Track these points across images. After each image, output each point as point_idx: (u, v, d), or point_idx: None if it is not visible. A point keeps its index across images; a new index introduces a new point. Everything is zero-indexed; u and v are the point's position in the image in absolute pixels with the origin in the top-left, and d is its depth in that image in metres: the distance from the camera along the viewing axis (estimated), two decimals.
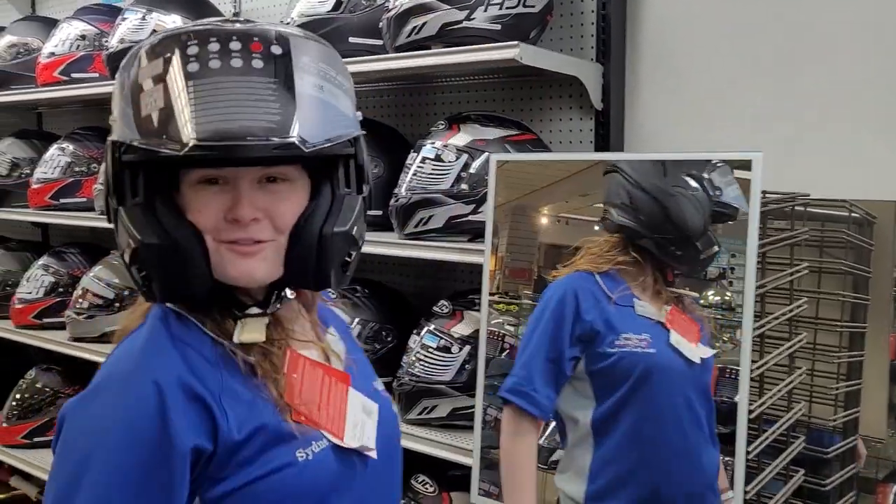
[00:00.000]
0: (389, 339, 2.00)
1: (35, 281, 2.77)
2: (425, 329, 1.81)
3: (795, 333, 1.48)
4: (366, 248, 1.82)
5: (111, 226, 0.91)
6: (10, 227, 3.26)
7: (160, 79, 0.83)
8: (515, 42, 1.56)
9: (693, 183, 1.32)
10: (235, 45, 0.84)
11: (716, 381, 1.32)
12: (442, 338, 1.78)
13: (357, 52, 1.87)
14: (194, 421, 0.83)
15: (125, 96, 0.85)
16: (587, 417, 1.40)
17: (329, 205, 0.91)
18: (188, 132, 0.80)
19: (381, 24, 1.78)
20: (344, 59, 1.82)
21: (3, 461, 2.88)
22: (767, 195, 1.40)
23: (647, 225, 1.37)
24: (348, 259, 0.93)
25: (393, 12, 1.72)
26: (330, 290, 0.98)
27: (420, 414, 1.79)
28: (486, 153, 1.68)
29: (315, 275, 0.91)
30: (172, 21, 2.33)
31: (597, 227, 1.46)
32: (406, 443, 1.76)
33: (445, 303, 1.84)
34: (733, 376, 1.29)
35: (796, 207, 1.48)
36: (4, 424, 2.79)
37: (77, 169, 2.68)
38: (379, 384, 1.08)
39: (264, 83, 0.83)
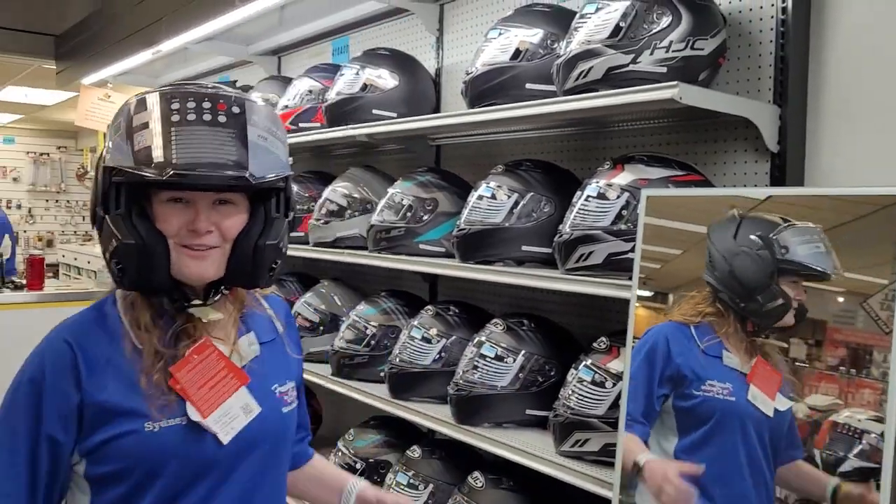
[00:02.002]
0: (552, 373, 2.05)
1: None
2: (582, 363, 1.85)
3: None
4: (530, 282, 1.92)
5: (96, 231, 1.20)
6: None
7: (149, 125, 1.13)
8: (674, 83, 1.59)
9: (759, 242, 1.45)
10: (207, 104, 1.15)
11: (809, 431, 1.36)
12: (597, 372, 1.80)
13: (534, 97, 1.99)
14: (66, 367, 1.15)
15: (121, 134, 1.14)
16: (671, 448, 1.53)
17: (263, 224, 1.21)
18: (169, 163, 1.10)
19: (552, 69, 1.88)
20: (520, 104, 1.97)
21: None
22: None
23: (721, 281, 1.51)
24: (274, 266, 1.24)
25: (562, 58, 1.82)
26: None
27: (573, 446, 1.82)
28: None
29: (250, 275, 1.22)
30: (380, 75, 2.61)
31: None
32: (558, 473, 1.82)
33: (604, 339, 1.86)
34: (848, 432, 1.30)
35: None
36: None
37: (298, 207, 3.03)
38: (285, 387, 1.32)
39: (226, 133, 1.14)
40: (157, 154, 1.11)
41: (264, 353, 1.31)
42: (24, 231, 10.59)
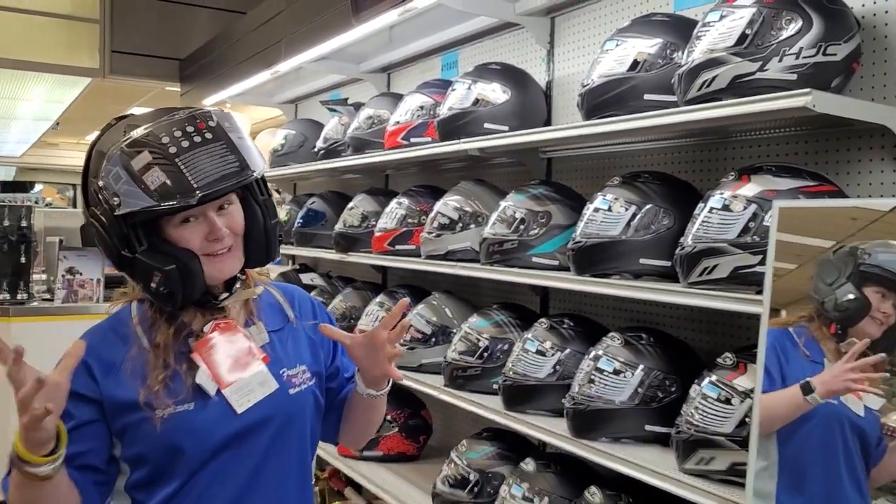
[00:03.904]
0: (673, 388, 2.01)
1: (371, 315, 3.22)
2: (706, 379, 1.80)
3: None
4: (652, 296, 1.89)
5: (122, 273, 1.37)
6: (358, 269, 3.84)
7: (153, 163, 1.26)
8: (807, 90, 1.54)
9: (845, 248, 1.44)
10: (190, 128, 1.29)
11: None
12: (723, 389, 1.75)
13: (652, 108, 1.96)
14: (84, 373, 1.30)
15: (126, 181, 1.26)
16: (771, 444, 1.51)
17: (260, 209, 1.41)
18: (194, 188, 1.26)
19: (672, 79, 1.85)
20: (639, 115, 1.95)
21: (342, 471, 3.34)
22: None
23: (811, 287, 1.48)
24: (280, 238, 1.46)
25: (685, 67, 1.79)
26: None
27: (697, 464, 1.77)
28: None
29: (266, 253, 1.43)
30: (492, 89, 2.63)
31: None
32: (681, 491, 1.77)
33: (730, 354, 1.81)
34: None
35: None
36: None
37: (410, 220, 3.07)
38: (293, 371, 1.46)
39: (218, 146, 1.30)
40: (178, 185, 1.25)
41: (273, 339, 1.47)
42: None
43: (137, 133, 1.29)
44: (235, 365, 1.37)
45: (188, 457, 1.33)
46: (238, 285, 1.43)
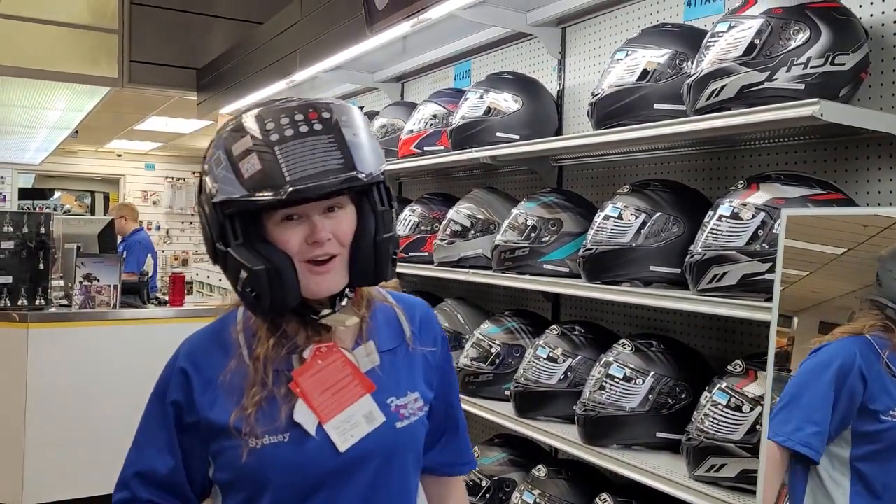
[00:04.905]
0: (683, 395, 2.02)
1: None
2: (716, 386, 1.81)
3: None
4: (662, 303, 1.90)
5: (218, 267, 1.22)
6: None
7: (252, 150, 1.13)
8: (815, 99, 1.55)
9: None
10: (299, 117, 1.14)
11: None
12: (733, 396, 1.76)
13: (661, 117, 1.98)
14: (182, 384, 1.23)
15: (225, 166, 1.14)
16: (845, 455, 1.43)
17: (374, 219, 1.22)
18: (286, 182, 1.10)
19: (682, 89, 1.87)
20: (649, 124, 1.97)
21: None
22: None
23: (885, 293, 1.42)
24: (394, 256, 1.24)
25: (693, 77, 1.81)
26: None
27: (707, 471, 1.78)
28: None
29: (374, 271, 1.22)
30: (504, 99, 2.66)
31: None
32: (692, 498, 1.78)
33: (740, 362, 1.82)
34: None
35: None
36: None
37: (423, 227, 3.10)
38: (403, 400, 1.27)
39: (325, 139, 1.14)
40: (270, 176, 1.11)
41: (384, 362, 1.28)
42: (162, 251, 11.32)
43: (246, 116, 1.17)
44: (338, 395, 1.21)
45: (277, 494, 1.18)
46: (344, 303, 1.24)
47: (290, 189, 1.10)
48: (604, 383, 2.06)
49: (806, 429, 1.47)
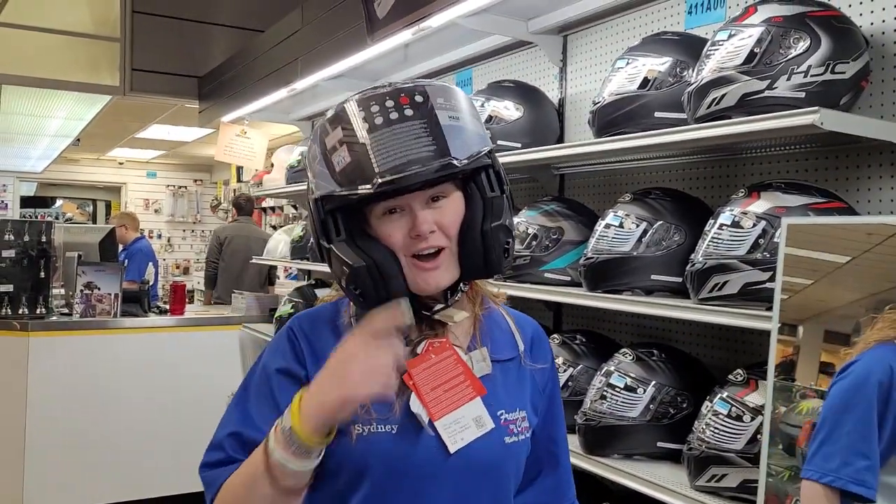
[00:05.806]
0: (685, 405, 2.01)
1: None
2: (717, 396, 1.80)
3: None
4: (664, 312, 1.90)
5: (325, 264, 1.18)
6: None
7: (343, 142, 1.08)
8: (815, 108, 1.55)
9: None
10: (390, 103, 1.08)
11: None
12: (734, 405, 1.76)
13: (662, 126, 1.98)
14: (296, 357, 1.18)
15: (319, 161, 1.11)
16: None
17: (482, 207, 1.13)
18: (374, 174, 1.05)
19: (683, 97, 1.87)
20: (650, 132, 1.97)
21: None
22: None
23: None
24: (507, 246, 1.15)
25: (694, 86, 1.81)
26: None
27: (709, 481, 1.77)
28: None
29: (485, 263, 1.13)
30: (505, 107, 2.66)
31: None
32: None
33: (741, 371, 1.81)
34: None
35: None
36: None
37: None
38: (513, 415, 1.20)
39: (417, 125, 1.07)
40: (360, 168, 1.06)
41: (496, 371, 1.20)
42: (164, 259, 11.33)
43: (339, 106, 1.12)
44: (449, 393, 1.14)
45: (374, 486, 1.12)
46: (458, 297, 1.17)
47: (380, 181, 1.05)
48: (605, 393, 2.05)
49: (855, 463, 1.34)
